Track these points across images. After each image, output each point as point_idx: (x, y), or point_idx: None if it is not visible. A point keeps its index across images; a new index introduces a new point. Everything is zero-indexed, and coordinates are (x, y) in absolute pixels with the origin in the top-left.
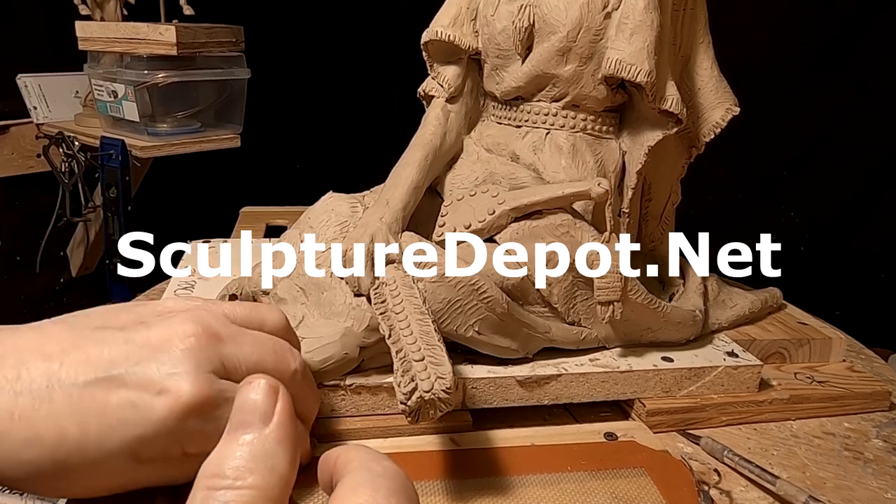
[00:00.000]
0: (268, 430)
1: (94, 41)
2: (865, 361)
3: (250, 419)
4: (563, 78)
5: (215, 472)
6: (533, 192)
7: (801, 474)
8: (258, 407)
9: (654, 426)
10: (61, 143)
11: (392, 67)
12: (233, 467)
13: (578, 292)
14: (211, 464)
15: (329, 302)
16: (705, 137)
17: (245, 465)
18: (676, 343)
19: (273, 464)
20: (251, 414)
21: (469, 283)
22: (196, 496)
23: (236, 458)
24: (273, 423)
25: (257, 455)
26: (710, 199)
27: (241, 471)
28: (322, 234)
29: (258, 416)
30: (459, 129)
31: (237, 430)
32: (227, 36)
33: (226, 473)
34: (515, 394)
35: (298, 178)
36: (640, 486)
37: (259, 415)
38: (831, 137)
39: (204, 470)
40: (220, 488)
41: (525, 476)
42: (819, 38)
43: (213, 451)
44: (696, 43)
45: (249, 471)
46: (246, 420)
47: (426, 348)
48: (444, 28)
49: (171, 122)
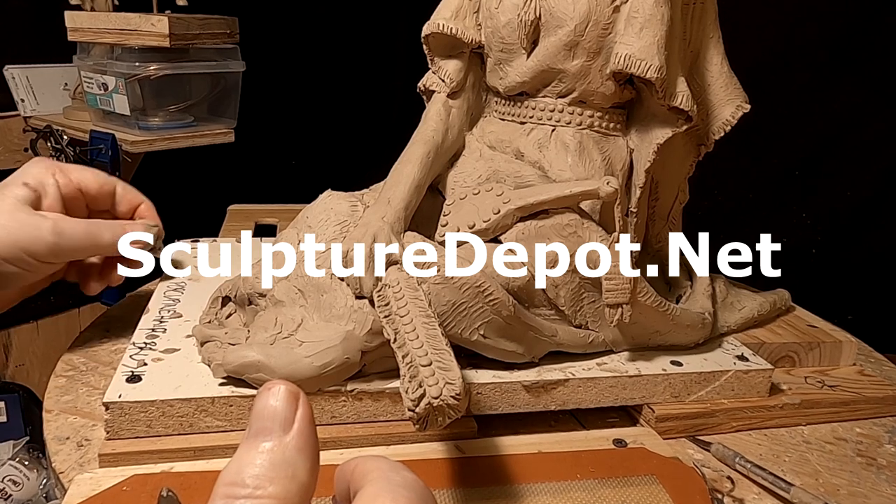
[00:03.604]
0: (288, 437)
1: (84, 32)
2: (875, 365)
3: (270, 426)
4: (570, 73)
5: (234, 479)
6: (539, 191)
7: (815, 481)
8: (278, 414)
9: (663, 432)
10: (49, 137)
11: (392, 61)
12: (252, 475)
13: (585, 294)
14: (229, 471)
15: (329, 304)
16: (715, 135)
17: (265, 474)
18: (685, 346)
19: (293, 472)
20: (271, 421)
21: (474, 285)
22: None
23: (256, 466)
24: (293, 430)
25: (277, 463)
26: (720, 200)
27: (261, 479)
28: (321, 233)
29: (278, 423)
30: (461, 125)
31: (256, 437)
32: (222, 27)
33: (245, 482)
34: (521, 399)
35: (294, 174)
36: (651, 494)
37: (279, 422)
38: (844, 138)
39: (222, 477)
40: (240, 497)
41: (533, 484)
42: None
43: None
44: (706, 38)
45: (269, 479)
46: (265, 427)
47: (433, 353)
48: (445, 21)
49: (163, 115)
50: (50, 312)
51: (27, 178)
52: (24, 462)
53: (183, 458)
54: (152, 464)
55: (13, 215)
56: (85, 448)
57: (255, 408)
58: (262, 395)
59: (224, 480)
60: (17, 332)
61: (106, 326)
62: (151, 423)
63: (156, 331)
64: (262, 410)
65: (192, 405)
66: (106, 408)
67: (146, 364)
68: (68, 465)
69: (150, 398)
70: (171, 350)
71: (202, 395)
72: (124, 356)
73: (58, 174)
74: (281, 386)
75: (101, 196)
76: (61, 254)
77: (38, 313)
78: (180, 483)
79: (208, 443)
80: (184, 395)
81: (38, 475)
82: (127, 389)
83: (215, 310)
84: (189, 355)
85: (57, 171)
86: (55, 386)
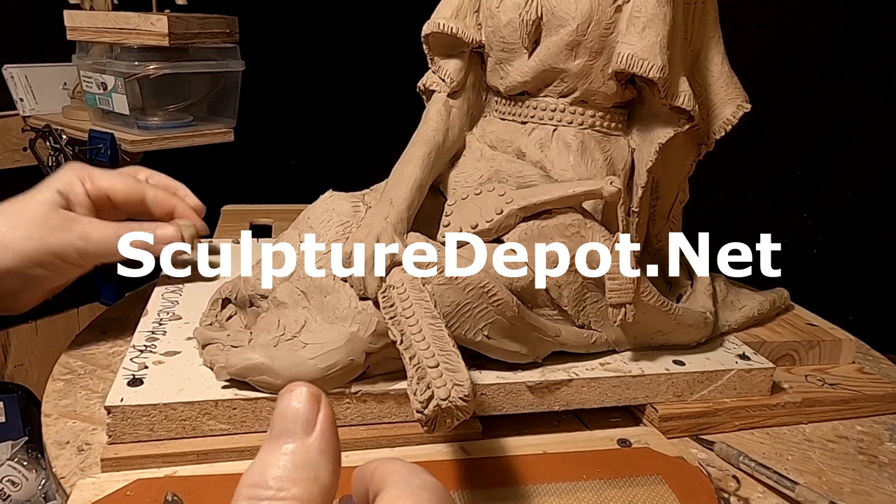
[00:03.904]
0: (310, 439)
1: (83, 31)
2: (873, 363)
3: (292, 428)
4: (572, 73)
5: (257, 481)
6: (542, 191)
7: (818, 479)
8: (300, 415)
9: (666, 432)
10: (48, 137)
11: (392, 60)
12: (276, 477)
13: (588, 294)
14: (252, 473)
15: (332, 306)
16: (715, 135)
17: (288, 476)
18: (687, 346)
19: (316, 474)
20: (293, 422)
21: (478, 286)
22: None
23: (279, 468)
24: (316, 432)
25: (300, 465)
26: (720, 199)
27: (285, 481)
28: (323, 234)
29: (300, 424)
30: (462, 125)
31: (279, 438)
32: (221, 26)
33: (268, 483)
34: (526, 400)
35: (294, 174)
36: (658, 494)
37: (301, 424)
38: (845, 137)
39: (245, 479)
40: (263, 499)
41: (540, 485)
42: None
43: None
44: (707, 37)
45: (293, 481)
46: (288, 429)
47: (440, 354)
48: (446, 20)
49: (163, 115)
50: (48, 312)
51: (59, 183)
52: (23, 462)
53: (186, 462)
54: (155, 468)
55: (44, 220)
56: (86, 452)
57: (278, 409)
58: (285, 396)
59: (247, 482)
60: (15, 332)
61: (102, 328)
62: (154, 427)
63: (155, 333)
64: (285, 412)
65: (195, 408)
66: (108, 411)
67: (147, 367)
68: (69, 470)
69: (153, 401)
70: (172, 353)
71: (205, 399)
72: (124, 359)
73: (87, 181)
74: (303, 388)
75: (129, 202)
76: (90, 257)
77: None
78: (185, 487)
79: (212, 446)
80: (187, 399)
81: (36, 476)
82: (129, 393)
83: (215, 311)
84: (190, 358)
85: (86, 177)
86: (53, 389)
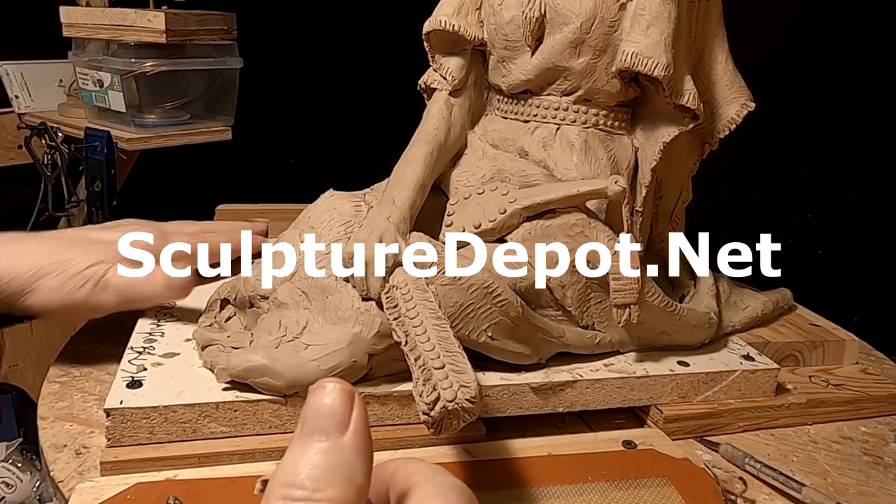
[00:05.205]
0: (345, 438)
1: (80, 27)
2: (876, 363)
3: (326, 425)
4: (576, 71)
5: (291, 480)
6: (546, 191)
7: (824, 481)
8: (334, 413)
9: (671, 433)
10: (44, 134)
11: (392, 58)
12: (311, 477)
13: (592, 295)
14: (285, 471)
15: (335, 306)
16: (719, 134)
17: (323, 476)
18: (691, 346)
19: (351, 475)
20: (326, 420)
21: (482, 286)
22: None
23: (313, 467)
24: (350, 431)
25: (335, 466)
26: (724, 199)
27: (321, 482)
28: (324, 234)
29: (334, 422)
30: (463, 123)
31: (311, 435)
32: (219, 23)
33: (304, 483)
34: (529, 401)
35: (292, 173)
36: (664, 496)
37: (335, 421)
38: (850, 137)
39: (277, 477)
40: (298, 499)
41: (545, 487)
42: (835, 34)
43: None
44: (711, 36)
45: (329, 482)
46: (321, 426)
47: (446, 355)
48: (447, 17)
49: (160, 113)
50: None
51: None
52: (17, 464)
53: (187, 465)
54: (156, 471)
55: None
56: (84, 456)
57: (309, 405)
58: (316, 392)
59: (279, 480)
60: (10, 332)
61: (98, 330)
62: (154, 430)
63: (153, 334)
64: (318, 409)
65: (195, 411)
66: (107, 414)
67: (146, 369)
68: (67, 474)
69: (153, 404)
70: (171, 354)
71: (206, 401)
72: (122, 361)
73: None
74: (336, 384)
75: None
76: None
77: None
78: (186, 490)
79: (213, 449)
80: (187, 401)
81: (31, 477)
82: (128, 395)
83: (214, 312)
84: (190, 359)
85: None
86: (49, 392)
